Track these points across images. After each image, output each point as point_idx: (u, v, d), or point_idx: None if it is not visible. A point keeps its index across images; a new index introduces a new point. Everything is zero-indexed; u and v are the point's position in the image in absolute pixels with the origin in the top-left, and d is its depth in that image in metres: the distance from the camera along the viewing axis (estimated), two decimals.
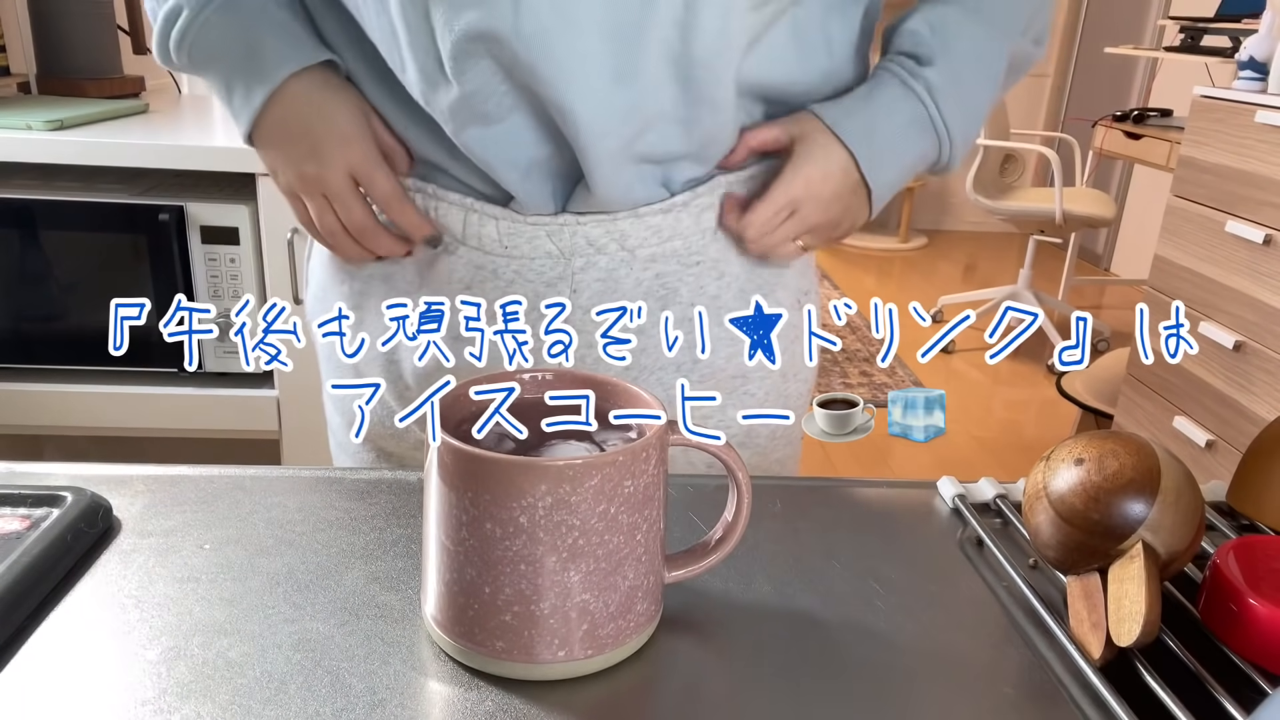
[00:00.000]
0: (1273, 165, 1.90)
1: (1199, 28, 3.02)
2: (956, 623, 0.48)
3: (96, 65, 1.74)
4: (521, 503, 0.39)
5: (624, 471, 0.40)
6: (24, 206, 1.37)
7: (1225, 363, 2.02)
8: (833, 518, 0.58)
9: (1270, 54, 2.03)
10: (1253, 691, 0.43)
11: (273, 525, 0.54)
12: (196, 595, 0.47)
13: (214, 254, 1.42)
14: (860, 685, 0.43)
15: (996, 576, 0.53)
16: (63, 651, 0.43)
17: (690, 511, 0.57)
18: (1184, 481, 0.47)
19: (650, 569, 0.44)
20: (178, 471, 0.59)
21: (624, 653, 0.44)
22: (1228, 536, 0.55)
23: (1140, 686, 0.42)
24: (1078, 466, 0.48)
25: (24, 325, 1.44)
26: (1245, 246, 1.96)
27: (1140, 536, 0.46)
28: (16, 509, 0.51)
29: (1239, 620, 0.45)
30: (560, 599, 0.41)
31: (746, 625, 0.47)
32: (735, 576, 0.51)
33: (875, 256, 4.90)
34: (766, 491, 0.60)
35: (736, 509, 0.47)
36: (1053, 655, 0.46)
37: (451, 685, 0.42)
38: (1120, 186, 4.57)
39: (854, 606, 0.49)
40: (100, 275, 1.42)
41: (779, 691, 0.43)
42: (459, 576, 0.42)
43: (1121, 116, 3.13)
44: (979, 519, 0.57)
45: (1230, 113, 2.02)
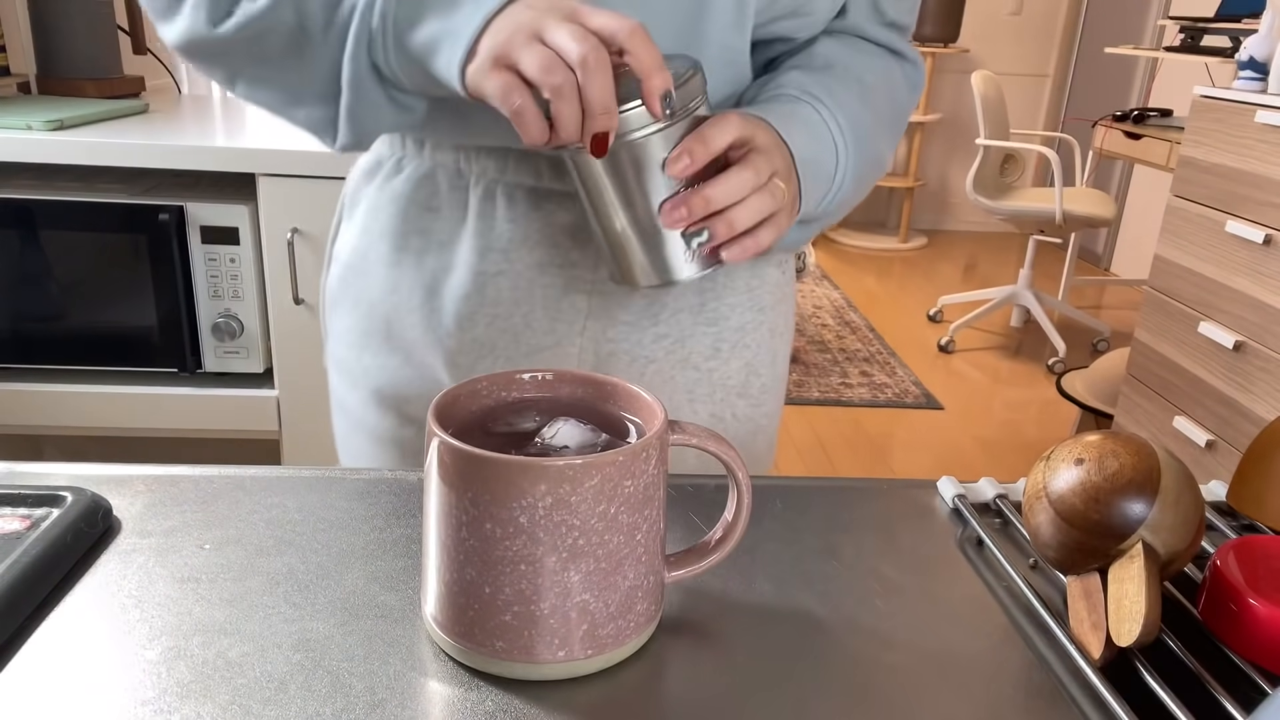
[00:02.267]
0: (1273, 165, 1.90)
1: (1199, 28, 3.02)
2: (956, 623, 0.48)
3: (96, 65, 1.74)
4: (521, 503, 0.39)
5: (624, 471, 0.40)
6: (24, 206, 1.37)
7: (1225, 363, 2.02)
8: (833, 518, 0.58)
9: (1270, 54, 2.03)
10: (1253, 691, 0.43)
11: (273, 525, 0.54)
12: (196, 595, 0.47)
13: (214, 254, 1.42)
14: (860, 685, 0.43)
15: (996, 576, 0.53)
16: (63, 651, 0.43)
17: (690, 511, 0.57)
18: (1184, 481, 0.47)
19: (650, 569, 0.44)
20: (178, 471, 0.59)
21: (624, 653, 0.44)
22: (1228, 536, 0.56)
23: (1140, 686, 0.42)
24: (1078, 466, 0.48)
25: (24, 325, 1.44)
26: (1245, 246, 1.96)
27: (1140, 536, 0.46)
28: (16, 509, 0.51)
29: (1239, 620, 0.45)
30: (560, 599, 0.41)
31: (746, 625, 0.47)
32: (735, 576, 0.51)
33: (875, 256, 4.90)
34: (766, 491, 0.60)
35: (736, 509, 0.47)
36: (1053, 655, 0.46)
37: (451, 685, 0.42)
38: (1120, 186, 4.57)
39: (854, 606, 0.49)
40: (100, 275, 1.42)
41: (779, 691, 0.43)
42: (459, 576, 0.42)
43: (1121, 116, 3.13)
44: (979, 519, 0.57)
45: (1230, 113, 2.02)
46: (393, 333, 0.74)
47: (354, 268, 0.76)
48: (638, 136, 0.55)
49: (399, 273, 0.73)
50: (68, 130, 1.42)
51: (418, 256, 0.72)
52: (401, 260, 0.73)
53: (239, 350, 1.46)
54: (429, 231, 0.72)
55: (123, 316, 1.44)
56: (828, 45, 0.70)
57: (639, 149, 0.56)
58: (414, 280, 0.72)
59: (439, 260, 0.72)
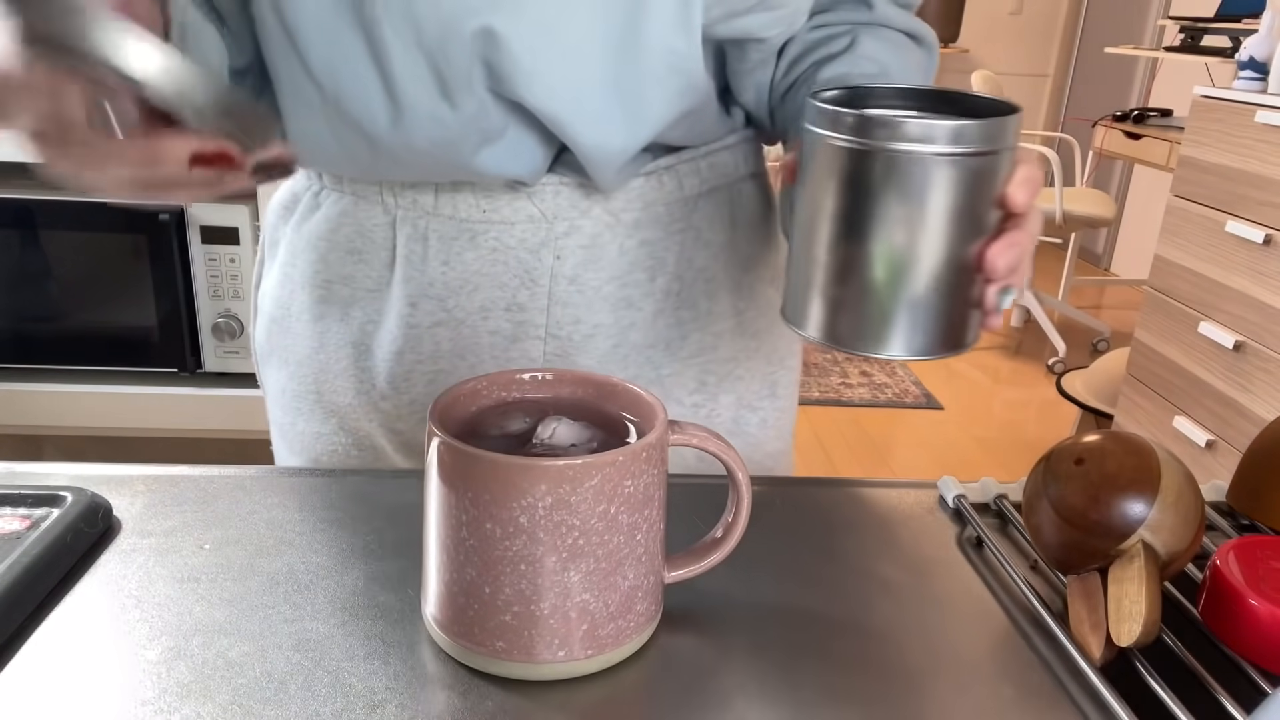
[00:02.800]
0: (1273, 165, 1.90)
1: (1199, 28, 3.02)
2: (956, 623, 0.48)
3: None
4: (521, 503, 0.39)
5: (624, 471, 0.40)
6: (24, 206, 1.37)
7: (1225, 363, 2.02)
8: (833, 518, 0.58)
9: (1270, 54, 2.03)
10: (1253, 691, 0.43)
11: (273, 525, 0.54)
12: (196, 595, 0.47)
13: (214, 254, 1.42)
14: (860, 685, 0.43)
15: (996, 576, 0.53)
16: (63, 651, 0.43)
17: (690, 511, 0.57)
18: (1184, 481, 0.47)
19: (650, 569, 0.44)
20: (178, 471, 0.59)
21: (624, 653, 0.44)
22: (1228, 536, 0.56)
23: (1140, 686, 0.42)
24: (1078, 466, 0.48)
25: (24, 325, 1.44)
26: (1245, 246, 1.96)
27: (1140, 536, 0.46)
28: (16, 509, 0.51)
29: (1239, 620, 0.45)
30: (560, 599, 0.41)
31: (746, 625, 0.47)
32: (735, 576, 0.51)
33: None
34: (766, 491, 0.60)
35: (736, 509, 0.47)
36: (1053, 655, 0.46)
37: (451, 685, 0.42)
38: (1120, 186, 4.57)
39: (854, 606, 0.49)
40: (100, 275, 1.42)
41: (779, 691, 0.43)
42: (459, 576, 0.42)
43: (1121, 116, 3.13)
44: (979, 519, 0.57)
45: (1230, 113, 2.02)
46: (323, 396, 0.68)
47: (277, 321, 0.69)
48: (961, 152, 0.43)
49: (323, 327, 0.66)
50: None
51: (343, 308, 0.65)
52: (325, 313, 0.66)
53: (239, 350, 1.46)
54: (353, 279, 0.64)
55: (123, 316, 1.44)
56: (871, 46, 0.62)
57: (977, 169, 0.43)
58: (340, 336, 0.65)
59: (365, 312, 0.64)
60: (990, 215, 0.45)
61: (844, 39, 0.63)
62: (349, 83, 0.55)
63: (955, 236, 0.44)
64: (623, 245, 0.64)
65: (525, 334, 0.64)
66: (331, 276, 0.65)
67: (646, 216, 0.64)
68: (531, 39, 0.53)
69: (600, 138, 0.58)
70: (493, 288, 0.63)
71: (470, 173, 0.59)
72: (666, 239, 0.65)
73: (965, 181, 0.43)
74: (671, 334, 0.66)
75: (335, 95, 0.56)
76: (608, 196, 0.63)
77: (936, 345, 0.46)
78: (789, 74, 0.64)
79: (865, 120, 0.44)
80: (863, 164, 0.44)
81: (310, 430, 0.69)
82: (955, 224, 0.44)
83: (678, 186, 0.65)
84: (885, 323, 0.46)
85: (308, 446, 0.70)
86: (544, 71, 0.54)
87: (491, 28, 0.52)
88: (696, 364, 0.68)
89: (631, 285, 0.64)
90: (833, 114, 0.45)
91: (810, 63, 0.63)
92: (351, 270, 0.65)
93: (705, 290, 0.67)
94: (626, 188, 0.63)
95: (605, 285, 0.64)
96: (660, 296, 0.65)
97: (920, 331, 0.46)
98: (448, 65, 0.54)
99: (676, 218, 0.65)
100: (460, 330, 0.63)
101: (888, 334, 0.46)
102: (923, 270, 0.45)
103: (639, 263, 0.64)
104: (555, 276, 0.63)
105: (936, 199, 0.43)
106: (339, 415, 0.68)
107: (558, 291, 0.63)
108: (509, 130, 0.58)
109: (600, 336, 0.64)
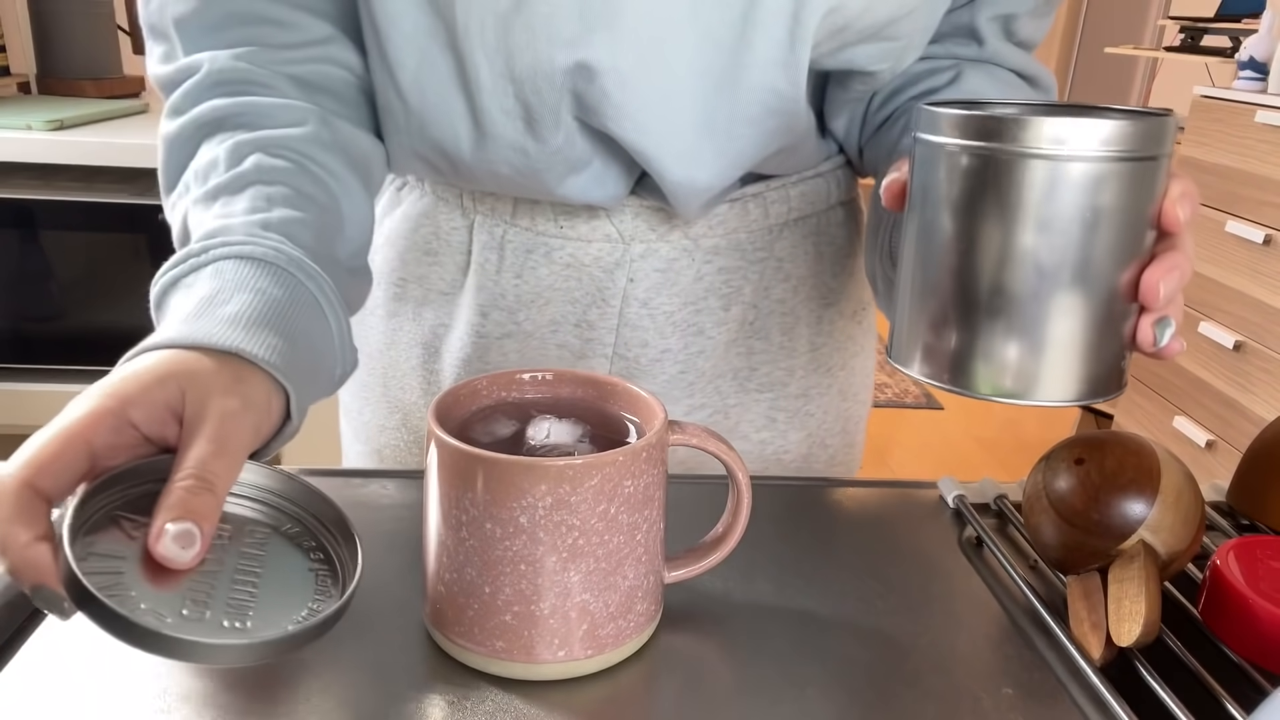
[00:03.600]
0: (1273, 165, 1.90)
1: (1199, 28, 3.03)
2: (956, 623, 0.48)
3: (96, 65, 1.74)
4: (521, 503, 0.39)
5: (624, 471, 0.40)
6: (24, 206, 1.37)
7: (1225, 363, 2.02)
8: (833, 518, 0.58)
9: (1270, 54, 2.03)
10: (1253, 691, 0.43)
11: None
12: None
13: None
14: (860, 685, 0.43)
15: (996, 576, 0.53)
16: (63, 651, 0.43)
17: (690, 512, 0.57)
18: (1184, 481, 0.47)
19: (650, 569, 0.44)
20: None
21: (624, 653, 0.44)
22: (1228, 536, 0.56)
23: (1140, 686, 0.42)
24: (1078, 466, 0.48)
25: (24, 325, 1.44)
26: (1245, 246, 1.97)
27: (1140, 536, 0.46)
28: None
29: (1239, 620, 0.45)
30: (560, 599, 0.41)
31: (746, 625, 0.47)
32: (735, 576, 0.51)
33: None
34: (766, 491, 0.60)
35: (736, 509, 0.47)
36: (1053, 655, 0.46)
37: (451, 685, 0.42)
38: None
39: (854, 606, 0.49)
40: (100, 275, 1.42)
41: (779, 691, 0.43)
42: (459, 576, 0.42)
43: None
44: (979, 519, 0.57)
45: (1230, 113, 2.02)
46: (390, 390, 0.69)
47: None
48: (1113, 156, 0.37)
49: (396, 325, 0.67)
50: (68, 130, 1.42)
51: (416, 308, 0.66)
52: (399, 310, 0.67)
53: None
54: (426, 279, 0.65)
55: (123, 317, 1.44)
56: (977, 82, 0.59)
57: (1138, 176, 0.37)
58: (412, 335, 0.66)
59: (438, 315, 0.65)
60: (1148, 233, 0.39)
61: (948, 73, 0.60)
62: (435, 103, 0.54)
63: (1113, 258, 0.38)
64: (699, 271, 0.62)
65: (593, 351, 0.63)
66: (407, 275, 0.65)
67: (727, 243, 0.62)
68: (626, 73, 0.51)
69: (687, 174, 0.56)
70: (564, 303, 0.62)
71: (552, 197, 0.58)
72: (745, 268, 0.63)
73: (1125, 191, 0.37)
74: (741, 364, 0.65)
75: (420, 113, 0.55)
76: (688, 221, 0.61)
77: (1092, 387, 0.40)
78: (885, 106, 0.61)
79: (1002, 122, 0.38)
80: (1001, 174, 0.38)
81: (375, 421, 0.70)
82: (1113, 242, 0.38)
83: (764, 215, 0.63)
84: (1034, 363, 0.39)
85: (372, 437, 0.71)
86: (636, 107, 0.52)
87: (586, 61, 0.50)
88: (766, 399, 0.66)
89: (705, 312, 0.63)
90: (963, 119, 0.39)
91: (909, 96, 0.60)
92: (426, 271, 0.65)
93: (781, 323, 0.64)
94: (709, 213, 0.61)
95: (677, 311, 0.62)
96: (734, 326, 0.64)
97: (1074, 372, 0.40)
98: (537, 99, 0.52)
99: (759, 246, 0.63)
100: (528, 343, 0.63)
101: (1038, 375, 0.39)
102: (1077, 299, 0.38)
103: (714, 290, 0.63)
104: (627, 298, 0.61)
105: (1092, 211, 0.37)
106: (403, 411, 0.68)
107: (628, 313, 0.62)
108: (594, 162, 0.57)
109: (667, 361, 0.63)
